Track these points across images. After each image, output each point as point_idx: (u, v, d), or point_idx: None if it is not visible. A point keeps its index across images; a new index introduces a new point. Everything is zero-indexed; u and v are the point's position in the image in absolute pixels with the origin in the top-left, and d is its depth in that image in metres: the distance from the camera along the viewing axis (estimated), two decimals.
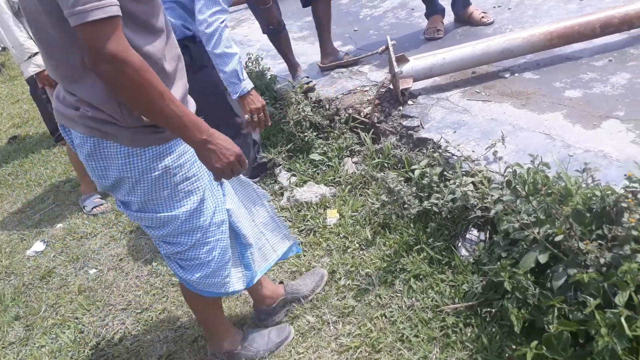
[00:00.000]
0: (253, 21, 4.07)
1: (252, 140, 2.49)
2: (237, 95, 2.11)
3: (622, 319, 1.17)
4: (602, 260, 1.29)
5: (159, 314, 2.14)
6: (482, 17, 3.24)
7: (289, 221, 2.43)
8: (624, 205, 1.30)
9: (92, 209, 3.05)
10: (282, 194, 2.65)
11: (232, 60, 2.05)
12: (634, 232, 1.28)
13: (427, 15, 3.37)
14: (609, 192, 1.39)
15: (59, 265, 2.67)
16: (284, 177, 2.76)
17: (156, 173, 1.28)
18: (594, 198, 1.40)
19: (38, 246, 2.89)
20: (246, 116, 2.18)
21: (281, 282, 2.00)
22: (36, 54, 2.84)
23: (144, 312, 2.17)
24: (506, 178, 1.65)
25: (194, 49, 2.14)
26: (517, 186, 1.57)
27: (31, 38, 2.80)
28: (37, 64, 2.85)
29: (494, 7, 3.47)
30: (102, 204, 3.07)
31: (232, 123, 2.31)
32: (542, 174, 1.55)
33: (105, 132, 1.21)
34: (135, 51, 1.08)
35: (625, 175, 1.40)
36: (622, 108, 2.09)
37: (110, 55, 1.03)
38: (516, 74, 2.60)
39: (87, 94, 1.18)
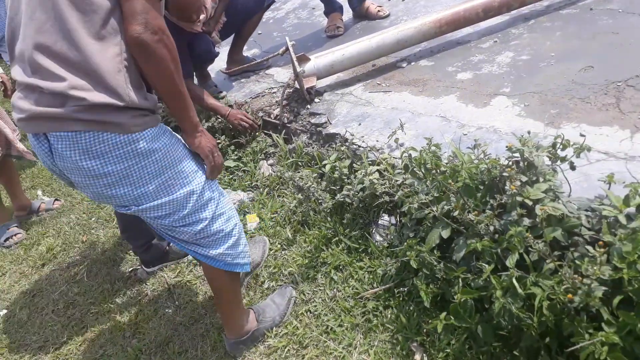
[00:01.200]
0: None
1: None
2: None
3: (514, 280, 1.27)
4: (491, 228, 1.38)
5: (79, 345, 2.04)
6: (379, 10, 3.36)
7: None
8: (505, 175, 1.40)
9: (5, 240, 2.85)
10: None
11: None
12: (518, 198, 1.39)
13: (326, 13, 3.45)
14: (495, 164, 1.49)
15: None
16: None
17: (159, 154, 1.29)
18: (482, 172, 1.50)
19: None
20: None
21: None
22: None
23: (64, 347, 2.06)
24: (403, 163, 1.72)
25: None
26: (414, 169, 1.64)
27: None
28: None
29: (389, 0, 3.61)
30: (18, 233, 2.89)
31: None
32: (434, 155, 1.64)
33: (103, 121, 1.18)
34: None
35: (506, 147, 1.51)
36: (507, 85, 2.24)
37: (158, 27, 1.18)
38: (412, 63, 2.72)
39: (93, 64, 1.15)
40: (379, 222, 1.93)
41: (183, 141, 1.43)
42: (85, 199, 3.06)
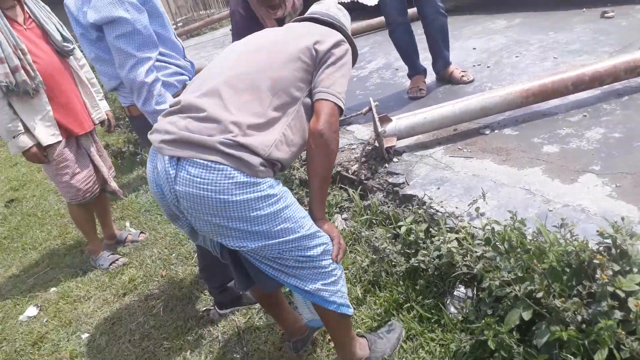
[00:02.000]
0: None
1: None
2: None
3: None
4: (579, 318, 1.32)
5: None
6: (462, 75, 3.40)
7: None
8: (596, 262, 1.35)
9: (109, 265, 3.09)
10: None
11: None
12: (609, 288, 1.33)
13: (410, 75, 3.54)
14: (583, 248, 1.44)
15: (51, 330, 2.66)
16: None
17: (276, 199, 1.40)
18: (569, 254, 1.45)
19: (31, 311, 2.88)
20: None
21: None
22: (20, 134, 2.64)
23: None
24: (485, 235, 1.70)
25: None
26: (496, 243, 1.62)
27: (17, 118, 2.62)
28: (20, 145, 2.65)
29: (474, 65, 3.65)
30: (118, 258, 3.13)
31: None
32: (518, 231, 1.61)
33: (239, 158, 1.32)
34: None
35: (597, 231, 1.46)
36: (597, 162, 2.18)
37: (336, 129, 1.48)
38: (496, 131, 2.71)
39: (261, 121, 1.38)
40: (455, 293, 1.90)
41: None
42: (169, 234, 3.25)
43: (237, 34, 2.80)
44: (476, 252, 1.80)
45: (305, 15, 1.81)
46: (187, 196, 1.35)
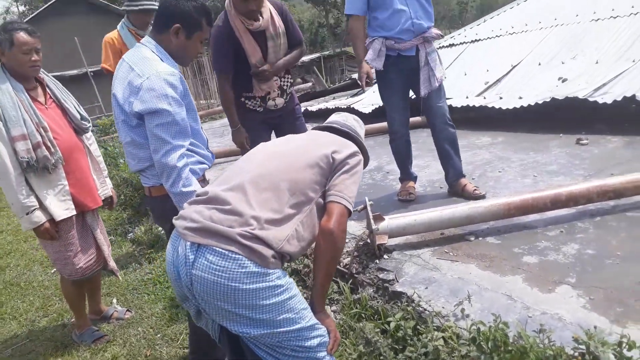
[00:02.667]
0: None
1: None
2: None
3: None
4: None
5: None
6: (475, 190, 3.44)
7: None
8: None
9: (92, 341, 3.06)
10: None
11: (189, 197, 1.87)
12: None
13: (401, 180, 3.80)
14: (560, 352, 1.57)
15: None
16: None
17: (282, 289, 1.53)
18: (547, 357, 1.58)
19: None
20: None
21: None
22: (34, 210, 2.71)
23: None
24: (471, 335, 1.82)
25: None
26: (481, 342, 1.74)
27: (32, 193, 2.71)
28: (34, 220, 2.72)
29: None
30: (103, 336, 3.10)
31: None
32: (502, 333, 1.74)
33: (254, 249, 1.46)
34: None
35: (572, 337, 1.60)
36: (573, 275, 2.35)
37: (344, 229, 1.68)
38: (480, 238, 2.91)
39: (278, 218, 1.57)
40: None
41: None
42: (155, 314, 3.26)
43: (218, 52, 3.22)
44: (461, 351, 1.90)
45: (326, 124, 2.07)
46: (201, 280, 1.48)
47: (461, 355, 1.87)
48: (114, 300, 3.61)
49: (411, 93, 3.67)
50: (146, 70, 1.96)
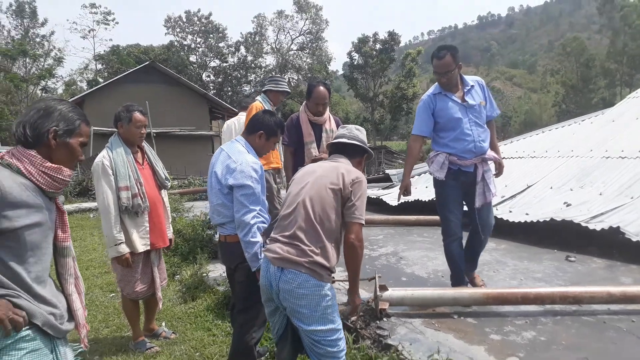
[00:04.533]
0: None
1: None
2: (255, 269, 2.96)
3: None
4: None
5: None
6: (482, 284, 4.20)
7: None
8: None
9: (146, 349, 3.87)
10: None
11: (254, 246, 2.86)
12: None
13: (454, 285, 4.13)
14: None
15: None
16: None
17: (329, 297, 2.42)
18: None
19: None
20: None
21: None
22: (121, 243, 3.62)
23: None
24: None
25: None
26: None
27: (122, 230, 3.64)
28: (119, 250, 3.63)
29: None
30: (154, 347, 3.90)
31: None
32: None
33: (317, 272, 2.37)
34: None
35: None
36: (523, 352, 3.07)
37: (361, 239, 2.46)
38: (462, 317, 3.65)
39: (325, 248, 2.42)
40: None
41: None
42: (195, 338, 4.06)
43: (288, 132, 4.60)
44: None
45: (337, 141, 2.83)
46: (284, 289, 2.42)
47: None
48: (163, 324, 4.43)
49: None
50: (239, 159, 2.96)
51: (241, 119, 5.80)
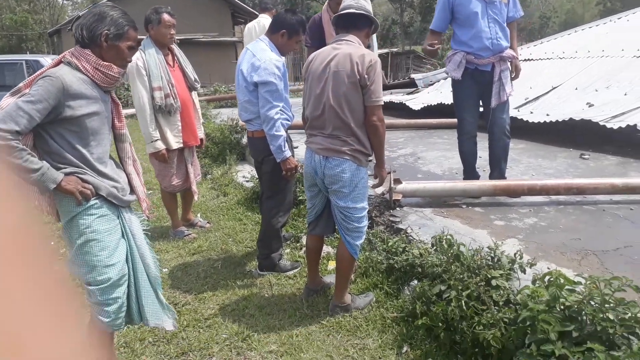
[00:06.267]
0: None
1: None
2: (279, 160, 3.27)
3: None
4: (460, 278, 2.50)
5: (211, 296, 3.31)
6: None
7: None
8: (479, 261, 2.55)
9: (184, 236, 4.35)
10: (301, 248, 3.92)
11: (279, 139, 3.14)
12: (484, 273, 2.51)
13: (465, 179, 4.32)
14: (478, 252, 2.64)
15: None
16: None
17: (364, 179, 2.75)
18: (473, 255, 2.65)
19: None
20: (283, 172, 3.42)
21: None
22: (157, 140, 3.97)
23: (201, 294, 3.35)
24: (434, 247, 2.92)
25: None
26: (437, 249, 2.83)
27: (157, 129, 3.98)
28: (156, 147, 3.99)
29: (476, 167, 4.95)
30: (191, 234, 4.38)
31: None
32: (449, 240, 2.82)
33: (358, 158, 2.69)
34: None
35: (488, 247, 2.66)
36: (522, 234, 3.38)
37: (382, 119, 2.73)
38: (470, 207, 3.96)
39: (359, 137, 2.69)
40: (411, 283, 3.08)
41: None
42: (227, 227, 4.52)
43: (310, 31, 4.41)
44: (429, 261, 2.99)
45: (344, 13, 2.79)
46: (328, 173, 2.72)
47: (427, 261, 2.97)
48: (199, 215, 4.90)
49: None
50: (263, 57, 3.15)
51: (261, 20, 5.85)
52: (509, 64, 4.09)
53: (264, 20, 5.74)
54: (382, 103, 2.74)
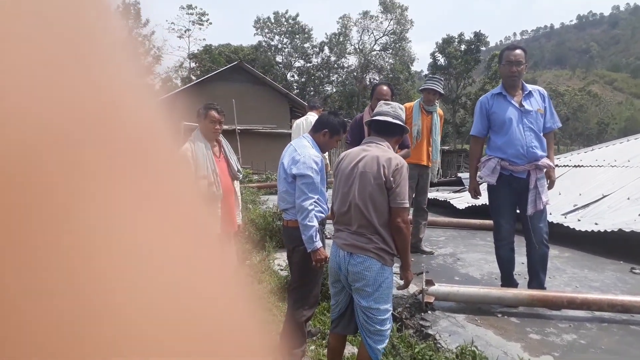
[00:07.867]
0: None
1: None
2: (310, 250, 3.31)
3: None
4: None
5: None
6: None
7: None
8: None
9: None
10: None
11: (311, 229, 3.18)
12: None
13: (503, 286, 4.18)
14: None
15: None
16: None
17: (388, 279, 2.75)
18: None
19: None
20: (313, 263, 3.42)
21: None
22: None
23: None
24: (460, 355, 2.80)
25: None
26: (462, 356, 2.71)
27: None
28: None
29: (516, 274, 4.79)
30: None
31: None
32: (479, 354, 2.70)
33: (382, 257, 2.71)
34: None
35: None
36: (559, 352, 3.18)
37: (407, 221, 2.70)
38: (505, 317, 3.79)
39: (384, 236, 2.73)
40: None
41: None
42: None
43: (351, 130, 4.85)
44: None
45: (380, 119, 2.99)
46: (352, 270, 2.76)
47: None
48: None
49: None
50: (303, 152, 3.36)
51: (309, 117, 6.22)
52: (544, 172, 4.08)
53: (312, 117, 6.11)
54: (407, 206, 2.79)
